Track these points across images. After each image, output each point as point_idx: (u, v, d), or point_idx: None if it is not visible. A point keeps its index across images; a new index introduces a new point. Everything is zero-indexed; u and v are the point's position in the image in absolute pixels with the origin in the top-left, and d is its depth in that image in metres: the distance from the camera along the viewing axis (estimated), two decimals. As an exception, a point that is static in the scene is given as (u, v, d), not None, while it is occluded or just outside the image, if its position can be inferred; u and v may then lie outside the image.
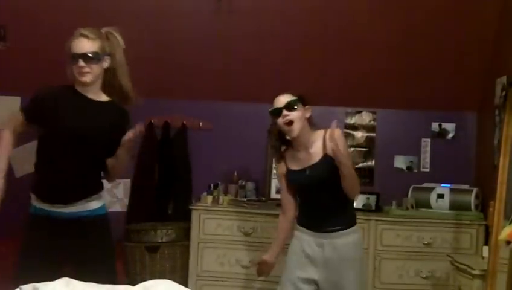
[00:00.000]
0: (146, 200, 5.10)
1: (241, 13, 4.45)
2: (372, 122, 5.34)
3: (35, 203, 3.06)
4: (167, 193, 5.12)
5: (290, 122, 3.16)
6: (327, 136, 3.13)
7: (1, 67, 4.93)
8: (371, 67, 4.79)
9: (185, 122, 5.18)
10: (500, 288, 3.17)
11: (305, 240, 3.25)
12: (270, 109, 3.23)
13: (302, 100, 3.23)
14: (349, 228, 3.23)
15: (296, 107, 3.18)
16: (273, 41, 4.67)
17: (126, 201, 5.15)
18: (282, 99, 3.20)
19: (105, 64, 3.05)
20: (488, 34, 4.61)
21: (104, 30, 3.11)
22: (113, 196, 5.12)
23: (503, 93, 4.20)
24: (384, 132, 5.31)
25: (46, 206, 3.03)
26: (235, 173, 4.98)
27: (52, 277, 2.22)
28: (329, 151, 3.15)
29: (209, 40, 4.70)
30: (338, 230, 3.19)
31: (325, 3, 4.38)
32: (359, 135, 5.32)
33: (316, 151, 3.21)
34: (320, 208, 3.23)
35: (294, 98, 3.20)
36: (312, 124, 3.27)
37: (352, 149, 5.22)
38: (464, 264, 3.81)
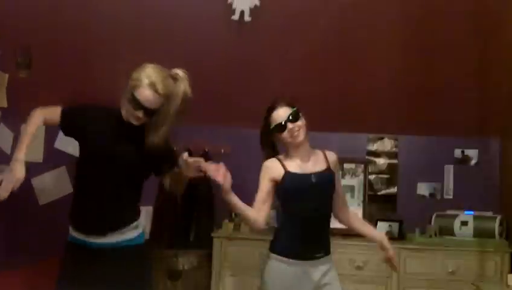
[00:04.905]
0: (168, 227, 5.11)
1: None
2: (394, 148, 5.32)
3: (73, 233, 3.03)
4: (189, 220, 5.12)
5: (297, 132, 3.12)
6: (329, 157, 3.23)
7: (26, 95, 4.99)
8: (391, 93, 4.79)
9: (206, 149, 5.18)
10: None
11: (287, 272, 3.13)
12: (273, 126, 3.16)
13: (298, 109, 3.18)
14: (329, 254, 3.20)
15: (299, 116, 3.13)
16: (290, 68, 4.65)
17: (148, 228, 5.12)
18: (282, 113, 3.14)
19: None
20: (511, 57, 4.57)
21: (173, 72, 2.99)
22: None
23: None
24: (407, 159, 5.30)
25: (82, 237, 2.99)
26: (256, 200, 4.95)
27: None
28: (332, 167, 3.21)
29: (228, 65, 4.71)
30: (323, 256, 3.15)
31: (345, 25, 4.36)
32: (381, 161, 5.30)
33: (319, 161, 3.19)
34: (314, 224, 3.13)
35: (294, 108, 3.14)
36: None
37: (374, 176, 5.22)
38: (489, 293, 3.77)
